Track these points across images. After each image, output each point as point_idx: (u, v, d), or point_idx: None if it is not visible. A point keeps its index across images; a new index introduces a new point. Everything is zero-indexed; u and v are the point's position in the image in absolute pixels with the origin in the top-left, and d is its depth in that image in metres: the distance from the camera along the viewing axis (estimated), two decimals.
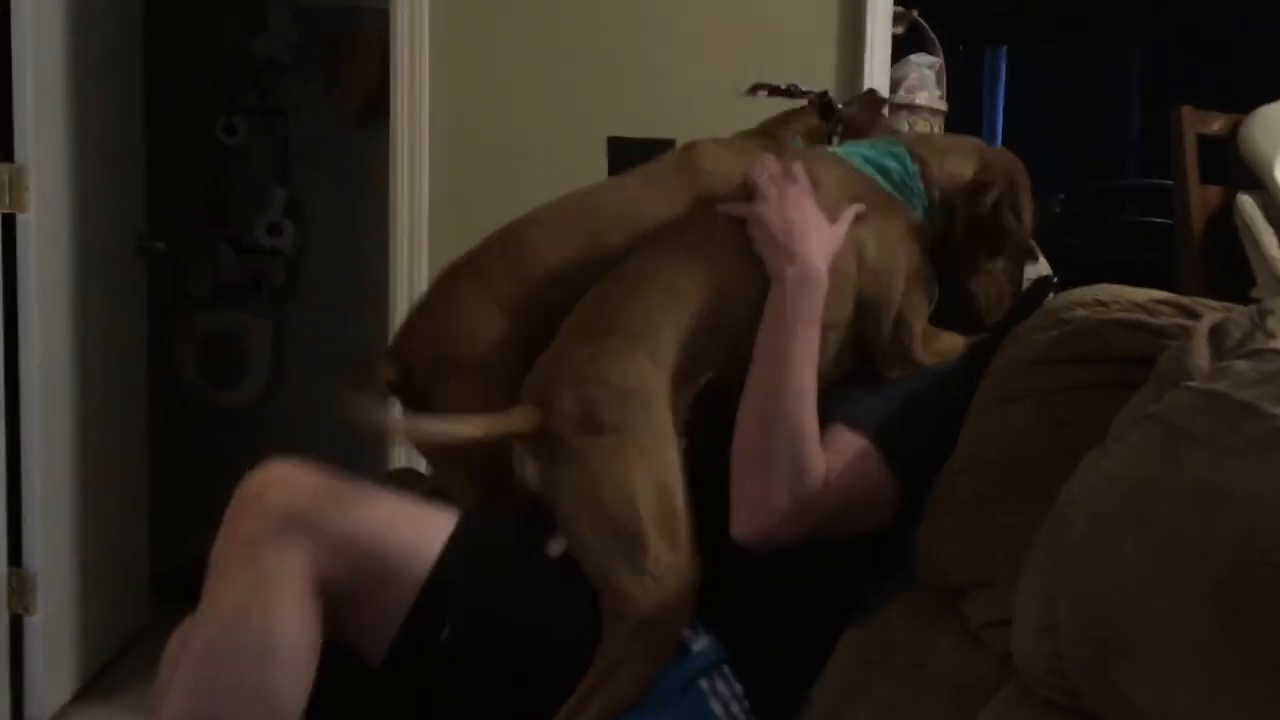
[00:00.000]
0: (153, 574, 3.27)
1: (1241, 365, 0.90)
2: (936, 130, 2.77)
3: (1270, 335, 0.97)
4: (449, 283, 1.69)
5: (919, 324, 1.54)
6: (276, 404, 4.02)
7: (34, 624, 2.57)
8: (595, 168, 2.71)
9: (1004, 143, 6.75)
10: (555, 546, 1.43)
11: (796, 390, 1.41)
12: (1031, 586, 1.05)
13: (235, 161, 3.95)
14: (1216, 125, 2.68)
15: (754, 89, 1.99)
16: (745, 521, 1.40)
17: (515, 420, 1.40)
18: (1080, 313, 1.35)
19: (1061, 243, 5.29)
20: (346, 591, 1.30)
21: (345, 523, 1.30)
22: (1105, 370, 1.27)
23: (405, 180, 2.64)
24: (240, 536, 1.29)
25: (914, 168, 1.55)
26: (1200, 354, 1.00)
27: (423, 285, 2.64)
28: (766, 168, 1.50)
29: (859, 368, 1.54)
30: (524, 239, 1.67)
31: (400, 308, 2.65)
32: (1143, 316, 1.28)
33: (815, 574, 1.47)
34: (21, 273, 2.51)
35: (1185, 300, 1.30)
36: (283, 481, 1.32)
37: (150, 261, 3.17)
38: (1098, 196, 5.37)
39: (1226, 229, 2.69)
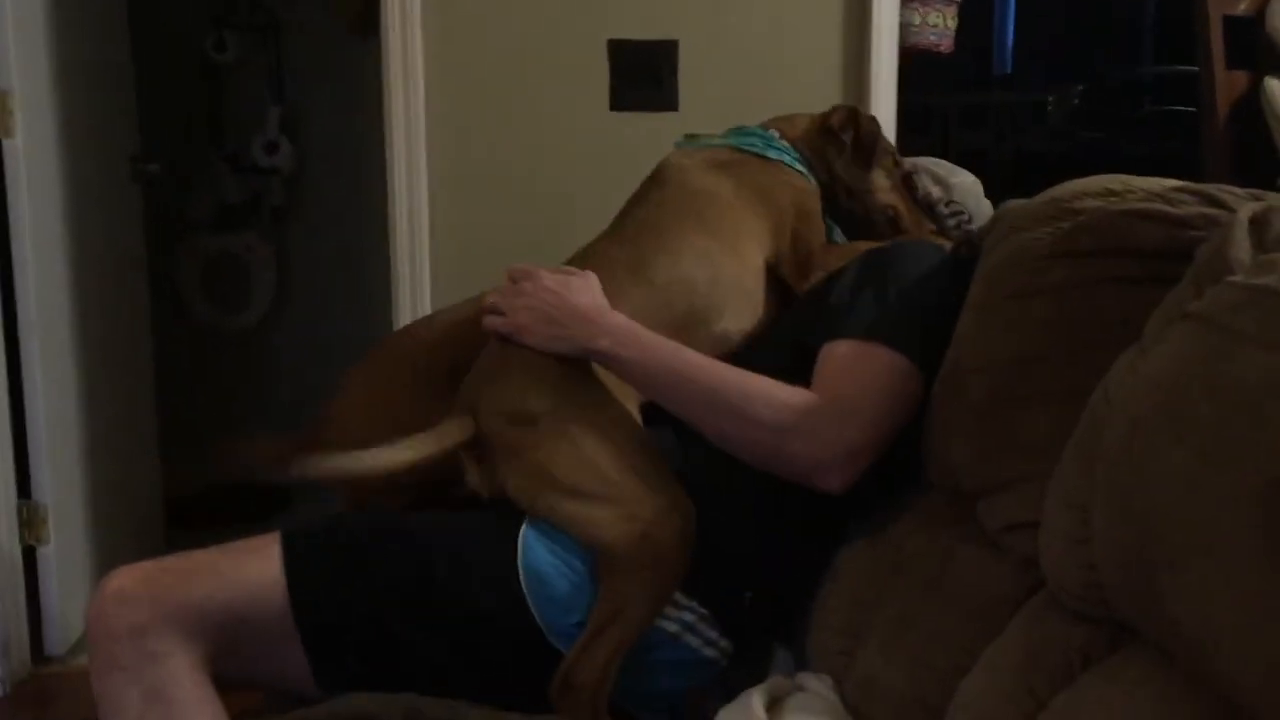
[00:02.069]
0: (166, 500, 3.27)
1: None
2: (950, 21, 2.70)
3: None
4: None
5: (814, 239, 1.67)
6: (283, 325, 3.99)
7: (47, 555, 2.57)
8: (596, 72, 2.62)
9: (1016, 32, 6.58)
10: None
11: (717, 388, 1.41)
12: (1062, 495, 1.01)
13: (228, 79, 3.87)
14: (1243, 6, 2.56)
15: None
16: (821, 479, 1.36)
17: (448, 434, 1.41)
18: (1091, 203, 1.28)
19: (1079, 135, 5.18)
20: (231, 654, 1.31)
21: (189, 600, 1.30)
22: (1126, 264, 1.20)
23: (400, 92, 2.55)
24: (109, 663, 1.29)
25: (771, 134, 1.75)
26: (1241, 246, 0.94)
27: (422, 199, 2.58)
28: (486, 306, 1.52)
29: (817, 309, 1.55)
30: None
31: (401, 222, 2.59)
32: (1163, 206, 1.21)
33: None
34: (12, 199, 2.46)
35: (1207, 188, 1.23)
36: (117, 595, 1.30)
37: (148, 185, 3.11)
38: (1116, 86, 5.23)
39: (1251, 116, 2.60)
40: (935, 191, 1.84)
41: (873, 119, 1.82)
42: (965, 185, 1.86)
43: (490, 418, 1.42)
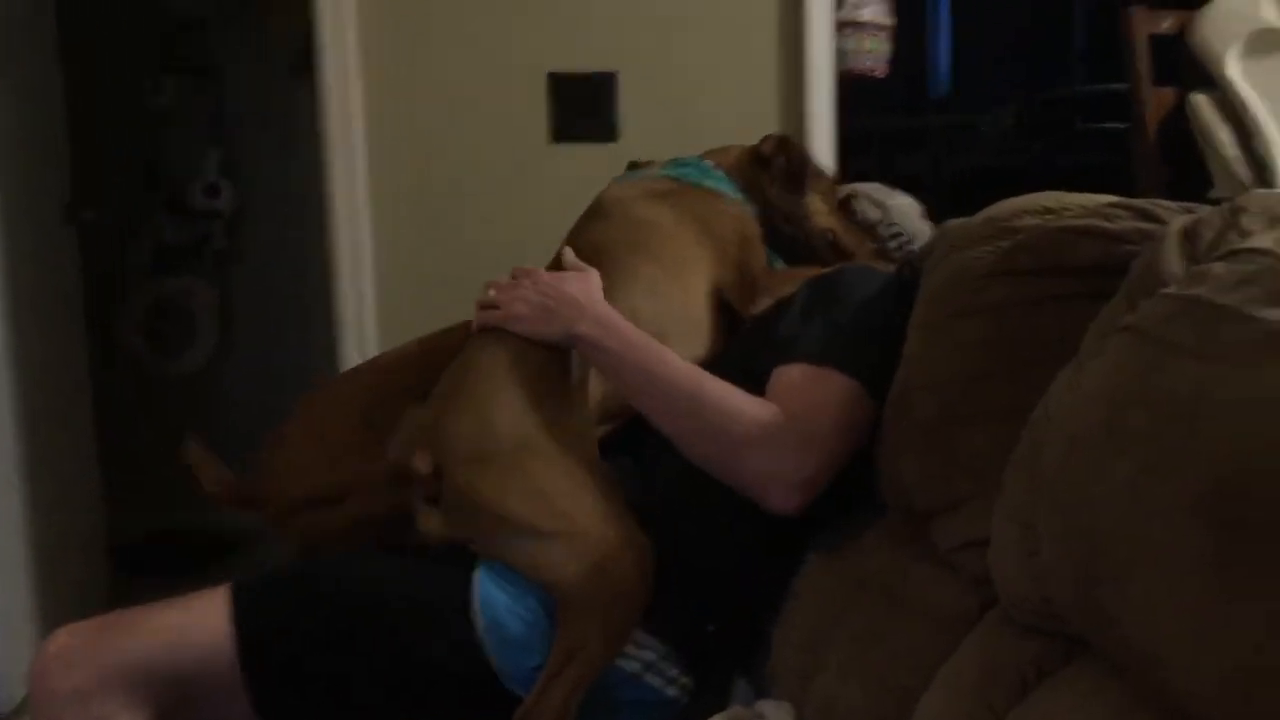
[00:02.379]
0: (111, 548, 3.21)
1: (1219, 268, 0.85)
2: (884, 45, 2.73)
3: (1245, 234, 0.92)
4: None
5: (756, 263, 1.68)
6: (227, 369, 3.94)
7: None
8: (536, 105, 2.63)
9: (953, 54, 6.69)
10: None
11: (690, 392, 1.40)
12: (1009, 512, 1.01)
13: (166, 123, 3.83)
14: (1166, 24, 2.62)
15: None
16: (772, 498, 1.36)
17: (399, 472, 1.40)
18: (1030, 221, 1.30)
19: (1015, 152, 5.26)
20: (179, 713, 1.29)
21: (135, 660, 1.28)
22: (1063, 281, 1.21)
23: (339, 129, 2.54)
24: None
25: (707, 164, 1.76)
26: (1173, 258, 0.95)
27: (365, 237, 2.57)
28: (483, 301, 1.55)
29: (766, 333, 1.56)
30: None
31: (344, 261, 2.57)
32: (1099, 222, 1.22)
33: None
34: None
35: (1140, 203, 1.24)
36: (59, 657, 1.29)
37: (85, 231, 3.06)
38: (1049, 104, 5.33)
39: (1180, 130, 2.65)
40: (874, 214, 1.86)
41: (802, 146, 1.84)
42: (903, 207, 1.88)
43: (440, 457, 1.40)
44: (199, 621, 1.31)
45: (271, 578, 1.40)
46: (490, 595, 1.35)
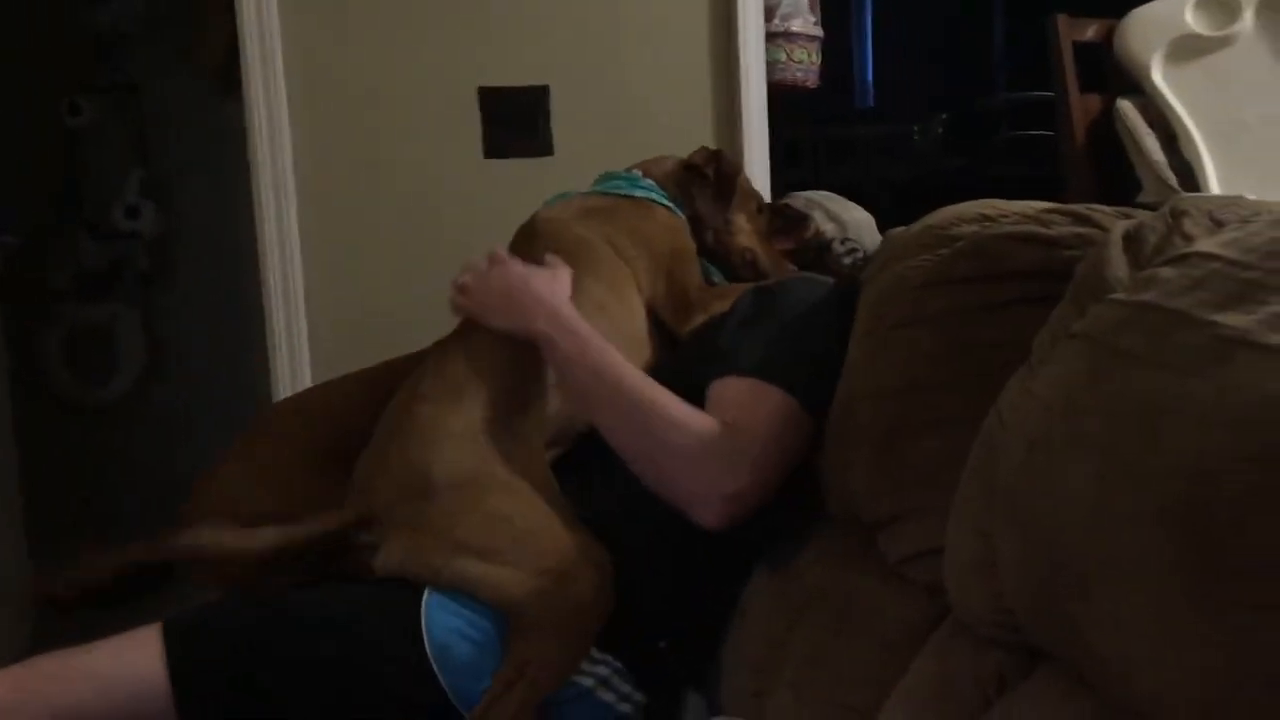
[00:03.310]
0: (35, 584, 3.10)
1: (1168, 273, 0.85)
2: (814, 56, 2.74)
3: (1189, 238, 0.92)
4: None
5: (690, 279, 1.68)
6: (155, 396, 3.84)
7: None
8: (468, 120, 2.59)
9: (875, 67, 6.76)
10: None
11: (636, 399, 1.40)
12: (964, 522, 1.00)
13: (85, 143, 3.73)
14: (1091, 31, 2.66)
15: None
16: (700, 513, 1.34)
17: (341, 514, 1.38)
18: (967, 229, 1.30)
19: (944, 163, 5.32)
20: None
21: (64, 708, 1.24)
22: (1003, 287, 1.21)
23: (266, 147, 2.48)
24: None
25: (635, 174, 1.77)
26: (1118, 263, 0.95)
27: (295, 259, 2.52)
28: (458, 285, 1.58)
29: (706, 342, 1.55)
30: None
31: (274, 285, 2.51)
32: (1037, 228, 1.23)
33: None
34: None
35: (1078, 208, 1.25)
36: None
37: (3, 255, 2.97)
38: (977, 114, 5.40)
39: (1107, 136, 2.69)
40: (830, 229, 1.85)
41: (734, 159, 1.85)
42: (859, 221, 1.87)
43: (385, 494, 1.38)
44: (130, 665, 1.26)
45: (204, 618, 1.35)
46: (439, 618, 1.32)
